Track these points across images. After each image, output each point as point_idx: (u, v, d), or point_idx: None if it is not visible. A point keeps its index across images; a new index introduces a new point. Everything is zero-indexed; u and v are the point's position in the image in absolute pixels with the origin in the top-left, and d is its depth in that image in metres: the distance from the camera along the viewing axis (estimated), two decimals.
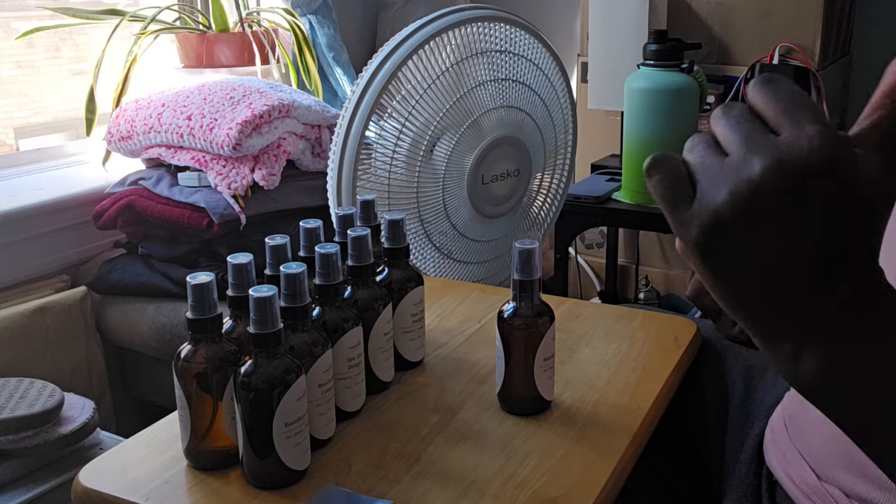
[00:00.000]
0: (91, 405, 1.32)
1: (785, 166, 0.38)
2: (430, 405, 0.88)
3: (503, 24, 1.54)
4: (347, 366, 0.83)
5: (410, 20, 1.51)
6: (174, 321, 1.56)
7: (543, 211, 1.81)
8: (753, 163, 0.38)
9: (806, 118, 0.39)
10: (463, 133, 1.50)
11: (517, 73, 1.57)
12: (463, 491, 0.73)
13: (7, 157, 1.79)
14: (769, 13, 1.88)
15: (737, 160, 0.39)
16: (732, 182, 0.39)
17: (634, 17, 1.89)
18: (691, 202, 0.41)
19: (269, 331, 0.70)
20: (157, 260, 1.63)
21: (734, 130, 0.40)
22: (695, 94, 1.67)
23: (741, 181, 0.38)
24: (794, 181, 0.38)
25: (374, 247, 0.89)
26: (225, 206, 1.52)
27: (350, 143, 1.40)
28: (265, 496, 0.73)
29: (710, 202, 0.39)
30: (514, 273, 0.81)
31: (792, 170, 0.38)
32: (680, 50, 1.66)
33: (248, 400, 0.71)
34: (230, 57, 1.88)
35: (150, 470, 0.77)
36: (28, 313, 1.51)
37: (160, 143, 1.63)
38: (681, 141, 0.45)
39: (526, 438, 0.81)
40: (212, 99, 1.59)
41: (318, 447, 0.79)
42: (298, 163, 1.68)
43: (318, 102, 1.70)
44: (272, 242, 0.82)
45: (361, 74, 1.41)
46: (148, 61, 1.84)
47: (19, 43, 1.79)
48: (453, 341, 1.02)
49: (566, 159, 1.79)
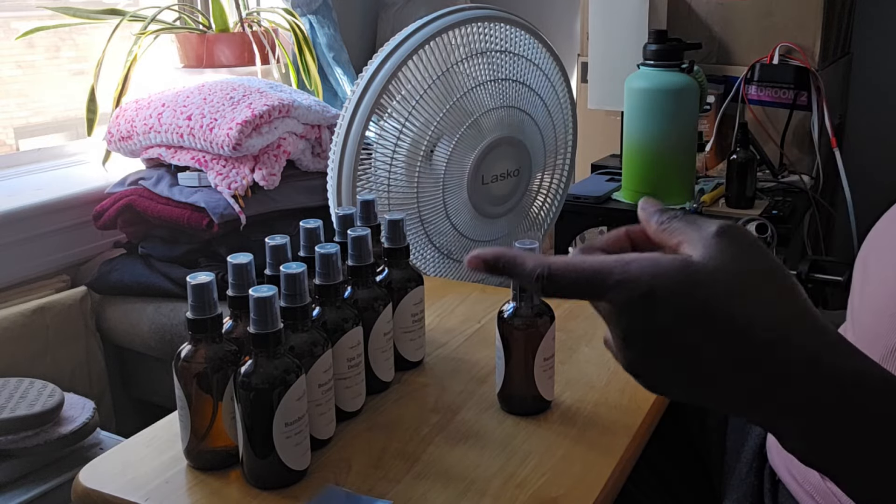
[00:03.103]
0: (91, 405, 1.32)
1: (625, 306, 0.43)
2: (430, 405, 0.88)
3: (503, 24, 1.54)
4: (347, 366, 0.83)
5: (410, 20, 1.51)
6: (174, 321, 1.56)
7: (543, 211, 1.81)
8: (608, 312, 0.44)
9: (611, 274, 0.43)
10: (463, 133, 1.50)
11: (517, 73, 1.57)
12: (463, 491, 0.73)
13: (7, 157, 1.79)
14: (769, 13, 1.88)
15: (604, 313, 0.45)
16: (613, 339, 0.45)
17: (634, 17, 1.89)
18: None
19: (269, 331, 0.70)
20: (157, 260, 1.63)
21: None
22: (695, 94, 1.67)
23: (616, 331, 0.44)
24: (641, 319, 0.42)
25: (374, 247, 0.89)
26: (225, 206, 1.52)
27: (350, 143, 1.40)
28: (265, 496, 0.73)
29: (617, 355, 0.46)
30: None
31: (634, 311, 0.43)
32: (680, 50, 1.66)
33: (248, 400, 0.71)
34: (230, 57, 1.88)
35: (150, 470, 0.77)
36: (28, 313, 1.51)
37: (160, 143, 1.63)
38: (681, 141, 0.47)
39: (526, 438, 0.81)
40: (212, 99, 1.59)
41: (318, 447, 0.79)
42: (298, 163, 1.68)
43: (318, 102, 1.70)
44: (272, 242, 0.82)
45: (361, 74, 1.41)
46: (148, 61, 1.84)
47: (19, 43, 1.79)
48: (453, 341, 1.02)
49: (566, 159, 1.79)
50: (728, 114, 1.92)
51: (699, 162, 1.82)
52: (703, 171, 1.86)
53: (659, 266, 0.42)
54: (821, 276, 1.30)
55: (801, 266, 1.30)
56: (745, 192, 1.66)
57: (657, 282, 0.42)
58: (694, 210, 1.65)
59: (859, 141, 2.25)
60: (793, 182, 1.81)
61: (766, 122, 1.91)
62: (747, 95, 1.91)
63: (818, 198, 1.84)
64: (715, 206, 1.68)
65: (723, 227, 0.44)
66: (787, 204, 1.68)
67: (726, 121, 1.92)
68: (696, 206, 1.65)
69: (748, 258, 0.43)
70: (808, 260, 1.31)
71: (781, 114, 1.89)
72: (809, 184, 1.84)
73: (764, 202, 1.69)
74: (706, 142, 1.90)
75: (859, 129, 2.27)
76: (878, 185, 1.89)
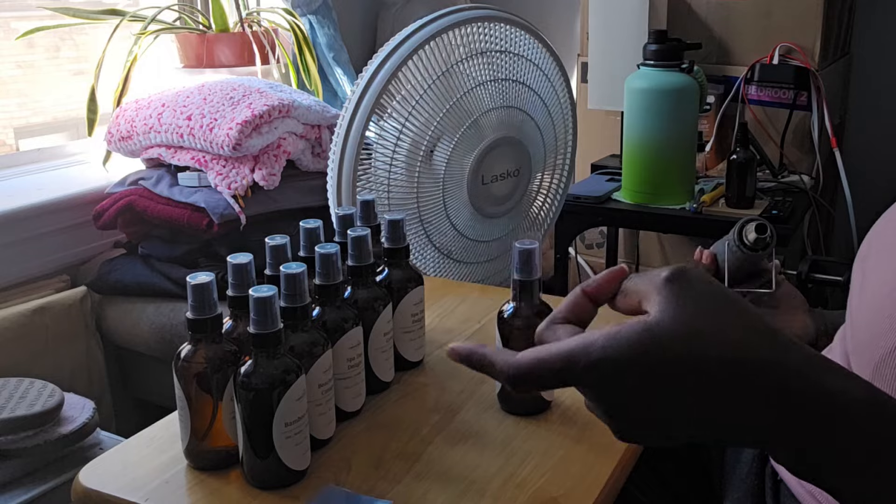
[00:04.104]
0: (91, 405, 1.32)
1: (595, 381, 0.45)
2: (430, 405, 0.88)
3: (503, 24, 1.54)
4: (347, 366, 0.83)
5: (410, 20, 1.51)
6: (174, 321, 1.56)
7: (543, 211, 1.81)
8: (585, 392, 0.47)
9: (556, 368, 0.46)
10: (463, 133, 1.50)
11: (517, 73, 1.57)
12: (463, 491, 0.73)
13: (7, 157, 1.79)
14: (769, 13, 1.87)
15: (582, 392, 0.47)
16: (598, 414, 0.48)
17: (634, 17, 1.89)
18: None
19: (269, 331, 0.70)
20: (157, 260, 1.63)
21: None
22: (695, 94, 1.67)
23: (598, 408, 0.47)
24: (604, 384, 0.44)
25: (374, 247, 0.89)
26: (225, 206, 1.52)
27: (350, 143, 1.40)
28: (265, 496, 0.73)
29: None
30: (514, 273, 0.81)
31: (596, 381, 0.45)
32: (680, 50, 1.66)
33: (248, 400, 0.71)
34: (230, 57, 1.88)
35: (150, 470, 0.77)
36: (28, 313, 1.51)
37: (160, 143, 1.63)
38: (681, 141, 0.48)
39: (526, 438, 0.81)
40: (212, 99, 1.59)
41: (318, 447, 0.79)
42: (298, 163, 1.68)
43: (318, 102, 1.70)
44: (272, 242, 0.82)
45: (361, 74, 1.41)
46: (148, 61, 1.84)
47: (19, 43, 1.79)
48: (453, 341, 1.02)
49: (566, 159, 1.79)
50: (728, 114, 1.92)
51: (699, 162, 1.82)
52: (703, 171, 1.86)
53: (618, 340, 0.44)
54: (821, 276, 1.30)
55: (801, 266, 1.30)
56: (745, 192, 1.66)
57: (621, 355, 0.43)
58: (694, 210, 1.65)
59: (859, 141, 2.25)
60: (793, 182, 1.81)
61: (766, 122, 1.91)
62: (747, 95, 1.91)
63: (818, 198, 1.84)
64: (715, 206, 1.68)
65: (672, 272, 0.45)
66: (787, 204, 1.68)
67: (726, 121, 1.92)
68: (696, 206, 1.65)
69: (703, 300, 0.44)
70: (808, 260, 1.30)
71: (781, 114, 1.89)
72: (809, 184, 1.84)
73: (764, 202, 1.69)
74: (706, 142, 1.89)
75: (859, 129, 2.26)
76: (878, 185, 1.89)
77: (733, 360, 0.42)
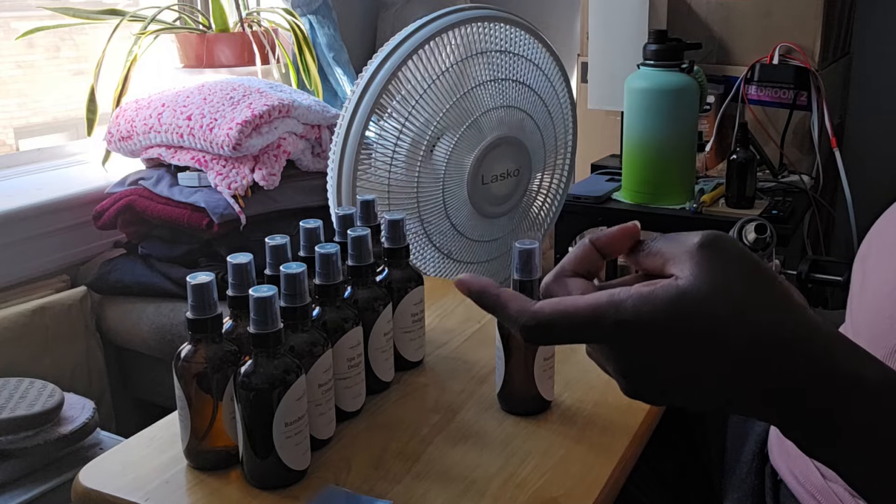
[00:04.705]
0: (91, 405, 1.32)
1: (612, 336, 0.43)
2: (430, 405, 0.88)
3: (503, 24, 1.54)
4: (347, 366, 0.83)
5: (410, 20, 1.51)
6: (174, 321, 1.56)
7: (543, 211, 1.81)
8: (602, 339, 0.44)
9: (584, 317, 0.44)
10: (463, 133, 1.50)
11: (517, 73, 1.57)
12: (463, 491, 0.73)
13: (7, 157, 1.79)
14: (769, 13, 1.87)
15: (600, 353, 0.46)
16: (613, 372, 0.46)
17: (634, 17, 1.89)
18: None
19: (269, 331, 0.70)
20: (157, 260, 1.63)
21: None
22: (695, 94, 1.67)
23: (616, 367, 0.45)
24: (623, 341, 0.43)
25: (374, 247, 0.89)
26: (225, 206, 1.52)
27: (350, 143, 1.40)
28: (265, 496, 0.73)
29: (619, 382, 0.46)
30: (514, 273, 0.81)
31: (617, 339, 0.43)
32: (680, 50, 1.66)
33: (248, 400, 0.71)
34: (230, 57, 1.88)
35: (150, 470, 0.77)
36: (28, 313, 1.51)
37: (160, 143, 1.63)
38: (681, 141, 0.47)
39: (526, 438, 0.81)
40: (212, 99, 1.59)
41: (318, 447, 0.79)
42: (298, 163, 1.68)
43: (318, 102, 1.70)
44: (272, 242, 0.82)
45: (361, 74, 1.41)
46: (148, 61, 1.84)
47: (19, 43, 1.79)
48: (453, 341, 1.02)
49: (566, 159, 1.79)
50: (728, 114, 1.92)
51: (699, 162, 1.82)
52: (703, 171, 1.86)
53: (651, 301, 0.42)
54: (821, 276, 1.30)
55: (801, 266, 1.30)
56: (745, 192, 1.65)
57: (655, 318, 0.42)
58: (694, 210, 1.65)
59: (859, 141, 2.25)
60: (793, 182, 1.81)
61: (766, 122, 1.91)
62: (747, 95, 1.91)
63: (818, 198, 1.84)
64: (715, 206, 1.68)
65: (706, 238, 0.43)
66: (787, 204, 1.68)
67: (726, 121, 1.92)
68: (696, 206, 1.65)
69: (736, 268, 0.43)
70: (808, 260, 1.30)
71: (781, 114, 1.89)
72: (809, 184, 1.84)
73: (764, 202, 1.69)
74: (706, 142, 1.89)
75: (859, 129, 2.26)
76: (878, 185, 1.89)
77: (772, 334, 0.41)
